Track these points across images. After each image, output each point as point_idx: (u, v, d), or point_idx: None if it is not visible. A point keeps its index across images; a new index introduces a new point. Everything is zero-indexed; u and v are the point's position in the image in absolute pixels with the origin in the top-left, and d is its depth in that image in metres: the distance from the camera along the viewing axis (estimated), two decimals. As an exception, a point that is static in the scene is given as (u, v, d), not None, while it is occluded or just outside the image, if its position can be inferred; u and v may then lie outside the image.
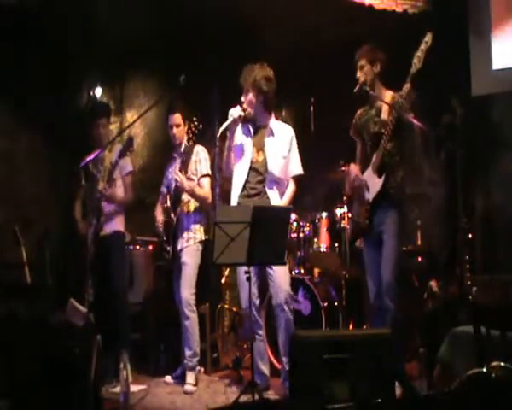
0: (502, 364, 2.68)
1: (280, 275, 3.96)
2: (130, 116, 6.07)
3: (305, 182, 4.49)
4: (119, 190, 4.60)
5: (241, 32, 5.46)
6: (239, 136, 4.14)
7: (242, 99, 4.05)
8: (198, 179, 4.48)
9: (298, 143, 4.18)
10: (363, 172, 3.95)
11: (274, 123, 4.16)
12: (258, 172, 4.07)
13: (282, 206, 3.94)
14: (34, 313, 3.05)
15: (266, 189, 4.04)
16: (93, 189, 4.51)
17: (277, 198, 4.05)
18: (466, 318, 3.52)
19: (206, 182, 4.50)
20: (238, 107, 4.01)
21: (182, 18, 5.48)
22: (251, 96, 4.04)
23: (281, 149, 4.09)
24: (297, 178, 4.15)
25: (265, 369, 4.12)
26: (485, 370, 2.67)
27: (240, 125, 4.14)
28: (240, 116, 4.01)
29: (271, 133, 4.11)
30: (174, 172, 4.39)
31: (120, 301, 4.54)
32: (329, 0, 5.04)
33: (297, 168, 4.14)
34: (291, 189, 4.12)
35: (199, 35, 5.53)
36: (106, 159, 4.55)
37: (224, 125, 3.98)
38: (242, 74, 4.06)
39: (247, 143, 4.12)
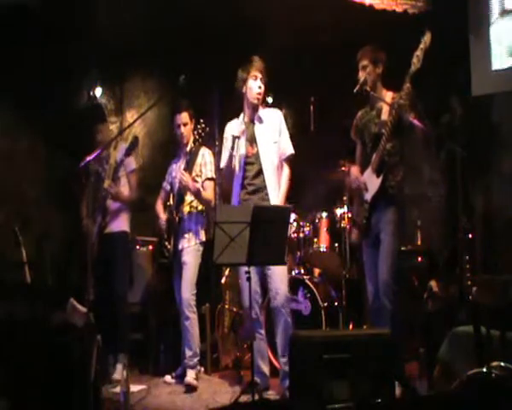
0: (502, 364, 2.68)
1: (278, 277, 3.95)
2: (130, 116, 6.07)
3: (306, 182, 4.49)
4: (124, 189, 4.60)
5: (241, 31, 5.46)
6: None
7: (259, 83, 4.02)
8: (202, 182, 4.48)
9: (298, 143, 4.18)
10: (362, 173, 3.95)
11: (261, 111, 4.15)
12: (254, 165, 4.06)
13: (281, 206, 3.93)
14: (34, 313, 3.05)
15: (266, 182, 4.03)
16: (98, 187, 4.51)
17: (276, 191, 4.04)
18: (466, 318, 3.52)
19: (211, 186, 4.50)
20: (235, 121, 4.01)
21: (182, 18, 5.48)
22: (264, 83, 4.05)
23: (272, 135, 4.09)
24: (290, 160, 4.13)
25: (266, 368, 4.11)
26: (485, 370, 2.67)
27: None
28: (241, 131, 4.03)
29: (260, 120, 4.11)
30: (179, 172, 4.39)
31: (121, 302, 4.52)
32: (329, 0, 5.04)
33: (288, 149, 4.13)
34: (286, 173, 4.09)
35: (199, 35, 5.54)
36: (111, 157, 4.54)
37: (235, 147, 3.99)
38: (254, 62, 4.03)
39: (241, 141, 4.10)
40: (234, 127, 4.13)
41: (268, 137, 4.07)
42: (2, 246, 4.79)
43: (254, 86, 4.03)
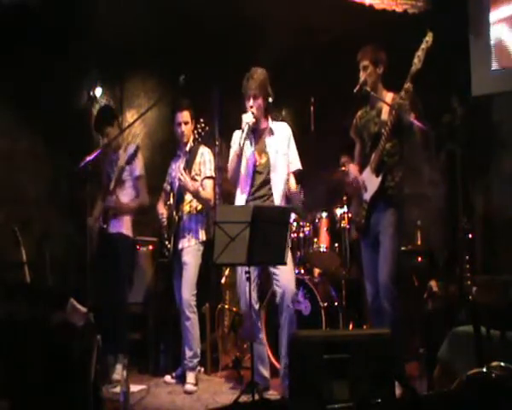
0: (502, 364, 2.68)
1: (286, 274, 3.94)
2: (130, 116, 6.07)
3: (305, 182, 4.48)
4: (129, 192, 4.59)
5: (241, 31, 5.46)
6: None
7: (251, 103, 4.01)
8: (201, 181, 4.48)
9: (298, 143, 4.18)
10: (361, 172, 3.95)
11: (271, 124, 4.16)
12: (263, 174, 4.07)
13: (282, 206, 3.94)
14: (34, 313, 3.05)
15: (272, 191, 4.03)
16: (108, 188, 4.52)
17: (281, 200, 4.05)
18: (466, 318, 3.52)
19: (210, 184, 4.49)
20: (249, 112, 4.01)
21: (182, 18, 5.48)
22: (260, 100, 4.03)
23: (281, 147, 4.10)
24: (296, 174, 4.16)
25: (266, 372, 4.09)
26: (485, 370, 2.67)
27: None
28: (253, 122, 4.01)
29: (271, 133, 4.12)
30: (178, 171, 4.39)
31: (119, 303, 4.51)
32: (329, 0, 5.04)
33: (296, 164, 4.16)
34: (293, 185, 4.12)
35: (199, 35, 5.54)
36: (120, 158, 4.53)
37: (244, 134, 3.95)
38: (251, 79, 4.01)
39: (250, 150, 4.11)
40: (248, 116, 4.04)
41: (278, 149, 4.09)
42: (2, 246, 4.79)
43: (247, 107, 4.04)
